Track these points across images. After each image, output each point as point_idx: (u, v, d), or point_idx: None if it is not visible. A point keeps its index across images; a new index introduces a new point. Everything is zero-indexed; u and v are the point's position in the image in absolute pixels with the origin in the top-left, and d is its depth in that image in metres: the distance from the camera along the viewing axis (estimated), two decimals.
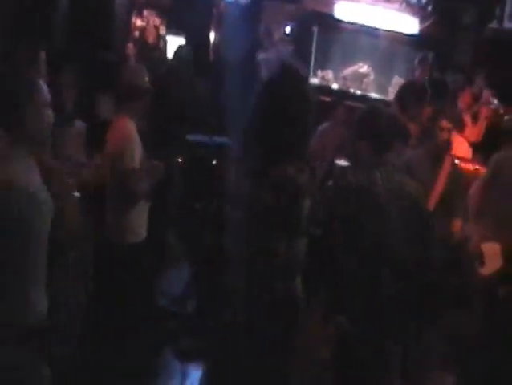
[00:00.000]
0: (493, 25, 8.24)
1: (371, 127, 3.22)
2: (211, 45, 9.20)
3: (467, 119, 7.23)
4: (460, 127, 6.90)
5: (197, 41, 8.42)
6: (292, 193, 2.69)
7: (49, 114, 2.41)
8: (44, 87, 2.40)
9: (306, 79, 3.18)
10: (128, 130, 3.67)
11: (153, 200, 3.84)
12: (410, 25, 8.75)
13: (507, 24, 7.98)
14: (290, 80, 2.78)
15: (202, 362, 3.33)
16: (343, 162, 6.03)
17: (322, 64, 9.08)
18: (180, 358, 3.56)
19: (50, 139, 2.51)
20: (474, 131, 7.22)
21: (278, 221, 2.70)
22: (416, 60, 7.98)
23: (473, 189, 4.91)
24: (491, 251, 4.45)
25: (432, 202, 4.81)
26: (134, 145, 3.63)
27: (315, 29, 9.01)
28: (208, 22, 9.18)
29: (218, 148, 5.59)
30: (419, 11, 8.73)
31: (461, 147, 6.97)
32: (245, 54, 8.36)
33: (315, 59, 9.01)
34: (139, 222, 3.72)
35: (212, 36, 9.27)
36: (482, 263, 4.43)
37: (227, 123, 5.71)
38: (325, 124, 6.80)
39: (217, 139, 5.84)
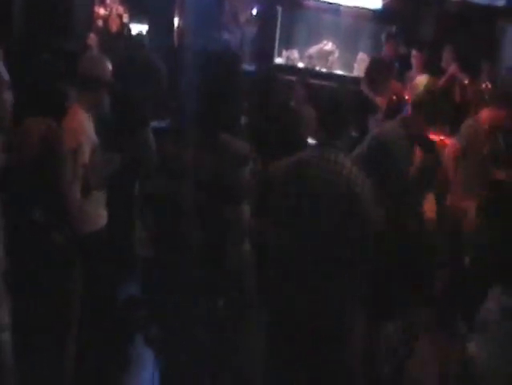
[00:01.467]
0: None
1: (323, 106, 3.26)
2: (175, 30, 9.10)
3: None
4: None
5: (160, 27, 8.35)
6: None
7: (10, 97, 2.39)
8: (3, 70, 2.37)
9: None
10: (78, 122, 3.61)
11: (114, 190, 3.85)
12: (373, 0, 8.74)
13: None
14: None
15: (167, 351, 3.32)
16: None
17: (287, 44, 9.05)
18: (150, 347, 3.55)
19: None
20: None
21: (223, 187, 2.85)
22: (383, 36, 8.01)
23: (448, 160, 5.44)
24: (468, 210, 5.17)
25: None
26: (84, 137, 3.57)
27: (279, 8, 8.95)
28: (171, 7, 9.06)
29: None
30: None
31: None
32: (209, 37, 8.31)
33: (280, 39, 8.99)
34: (96, 211, 3.70)
35: (176, 21, 9.16)
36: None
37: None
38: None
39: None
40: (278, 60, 8.92)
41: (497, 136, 5.50)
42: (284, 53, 8.97)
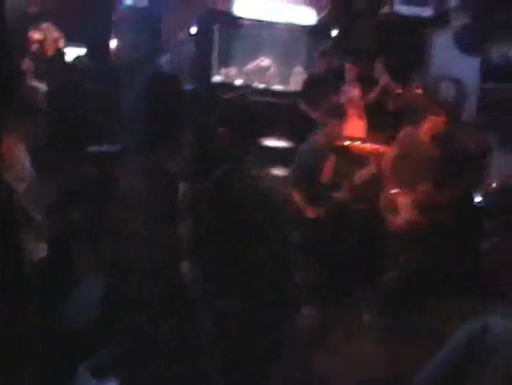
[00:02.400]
0: (386, 9, 8.48)
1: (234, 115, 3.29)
2: (111, 52, 9.09)
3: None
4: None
5: (97, 50, 8.33)
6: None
7: None
8: None
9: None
10: (10, 152, 3.55)
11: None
12: (308, 15, 8.91)
13: (398, 7, 8.23)
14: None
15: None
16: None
17: (224, 62, 9.09)
18: (94, 376, 3.49)
19: None
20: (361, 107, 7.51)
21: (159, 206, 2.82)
22: (316, 53, 8.19)
23: (386, 162, 5.88)
24: (404, 204, 5.53)
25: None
26: (16, 168, 3.51)
27: (216, 27, 9.01)
28: (107, 29, 9.06)
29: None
30: (316, 2, 8.90)
31: (357, 128, 7.23)
32: (146, 58, 8.35)
33: (218, 57, 9.01)
34: (34, 242, 3.64)
35: (112, 43, 9.16)
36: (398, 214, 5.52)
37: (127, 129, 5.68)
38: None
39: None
40: (217, 78, 8.96)
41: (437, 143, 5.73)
42: (222, 71, 9.03)
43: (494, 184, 5.26)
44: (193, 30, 9.71)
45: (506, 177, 5.16)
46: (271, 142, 7.48)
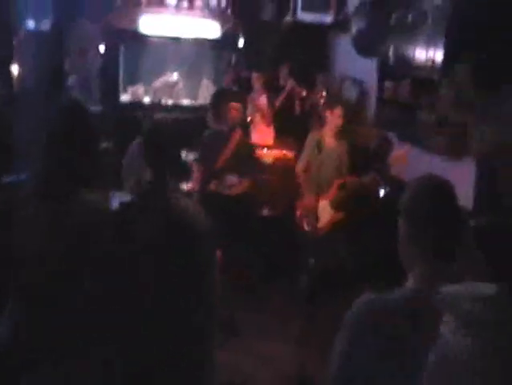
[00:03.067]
0: (289, 18, 8.60)
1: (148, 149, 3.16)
2: (14, 76, 8.88)
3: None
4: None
5: None
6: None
7: None
8: None
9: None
10: None
11: None
12: (213, 29, 8.94)
13: (300, 15, 8.36)
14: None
15: None
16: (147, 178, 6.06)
17: (132, 80, 9.02)
18: None
19: None
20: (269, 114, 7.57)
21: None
22: (222, 66, 8.25)
23: (298, 167, 5.92)
24: (323, 207, 5.67)
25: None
26: None
27: (121, 46, 8.94)
28: (8, 53, 8.84)
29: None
30: (219, 15, 8.95)
31: (265, 135, 7.31)
32: (50, 81, 8.19)
33: (125, 76, 8.94)
34: None
35: (14, 67, 8.95)
36: (318, 218, 5.66)
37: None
38: (137, 140, 6.78)
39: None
40: (124, 97, 8.88)
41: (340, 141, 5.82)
42: (129, 89, 8.94)
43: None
44: (100, 49, 9.62)
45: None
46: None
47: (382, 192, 5.46)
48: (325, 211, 5.71)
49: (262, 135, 7.47)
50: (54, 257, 2.59)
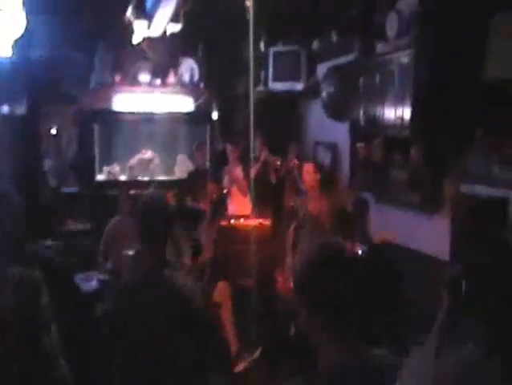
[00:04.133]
0: (261, 88, 8.69)
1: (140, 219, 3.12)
2: None
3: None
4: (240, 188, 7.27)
5: None
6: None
7: None
8: None
9: None
10: None
11: None
12: (186, 104, 9.01)
13: (272, 85, 8.45)
14: None
15: None
16: (131, 251, 5.95)
17: (107, 159, 8.99)
18: None
19: None
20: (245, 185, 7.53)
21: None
22: (194, 147, 8.31)
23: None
24: None
25: None
26: None
27: (96, 126, 8.95)
28: None
29: None
30: (192, 89, 9.03)
31: (242, 205, 7.27)
32: (24, 170, 8.18)
33: (100, 156, 8.91)
34: None
35: None
36: None
37: None
38: (114, 219, 6.74)
39: None
40: (100, 177, 8.83)
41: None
42: (105, 169, 8.90)
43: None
44: (74, 131, 9.64)
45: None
46: None
47: (360, 253, 5.36)
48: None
49: (240, 205, 7.43)
50: None
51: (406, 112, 5.23)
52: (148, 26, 8.63)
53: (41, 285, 2.65)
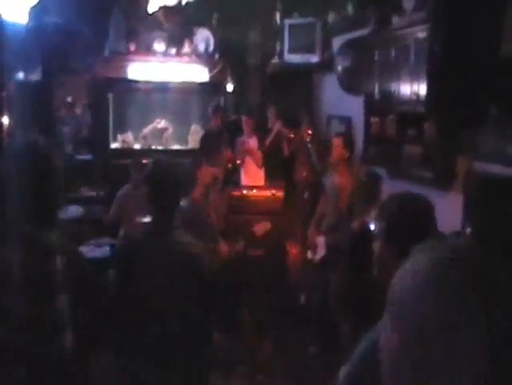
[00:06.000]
0: (276, 60, 8.68)
1: (152, 185, 3.17)
2: (5, 128, 8.90)
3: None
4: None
5: None
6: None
7: None
8: None
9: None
10: None
11: None
12: (201, 74, 9.01)
13: (287, 57, 8.43)
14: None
15: None
16: (147, 218, 6.02)
17: (121, 128, 9.06)
18: None
19: None
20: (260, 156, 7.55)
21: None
22: (210, 109, 8.26)
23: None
24: (320, 242, 5.70)
25: None
26: None
27: (110, 94, 8.98)
28: None
29: None
30: (207, 59, 9.03)
31: (256, 177, 7.30)
32: (41, 131, 8.19)
33: (114, 124, 8.97)
34: None
35: (4, 120, 8.98)
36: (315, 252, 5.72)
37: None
38: (126, 186, 6.81)
39: None
40: (114, 145, 8.89)
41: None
42: (119, 137, 8.96)
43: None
44: (89, 99, 9.69)
45: None
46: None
47: (373, 227, 5.39)
48: (321, 246, 5.70)
49: (253, 176, 7.49)
50: None
51: (421, 88, 5.22)
52: None
53: (55, 248, 2.72)
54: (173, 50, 8.99)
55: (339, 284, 5.38)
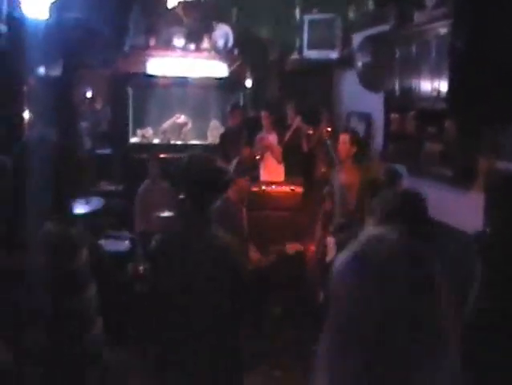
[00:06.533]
0: (295, 56, 8.65)
1: (188, 182, 3.15)
2: (25, 123, 8.96)
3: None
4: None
5: (10, 122, 8.19)
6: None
7: None
8: None
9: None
10: None
11: None
12: (220, 70, 9.02)
13: (306, 53, 8.40)
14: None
15: None
16: (166, 213, 6.05)
17: (141, 123, 9.10)
18: None
19: None
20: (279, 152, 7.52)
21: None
22: (228, 107, 8.26)
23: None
24: (330, 244, 5.60)
25: None
26: None
27: (130, 89, 9.02)
28: (20, 100, 8.93)
29: None
30: (227, 56, 9.02)
31: (275, 172, 7.29)
32: (61, 126, 8.24)
33: (134, 119, 9.02)
34: None
35: (26, 114, 9.04)
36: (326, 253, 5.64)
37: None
38: (145, 182, 6.86)
39: None
40: (134, 140, 8.93)
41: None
42: (139, 132, 9.01)
43: None
44: (109, 94, 9.71)
45: None
46: None
47: None
48: (331, 248, 5.63)
49: (273, 172, 7.48)
50: None
51: (442, 85, 5.18)
52: None
53: (78, 245, 2.72)
54: (192, 46, 9.00)
55: None
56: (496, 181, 4.42)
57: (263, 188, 6.86)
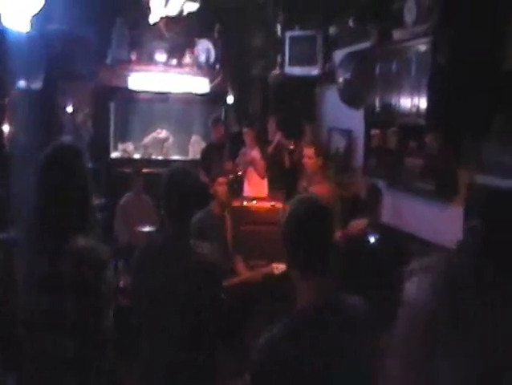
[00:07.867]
0: (276, 71, 8.71)
1: (167, 195, 3.13)
2: (4, 137, 8.91)
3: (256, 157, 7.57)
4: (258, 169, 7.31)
5: None
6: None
7: None
8: None
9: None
10: None
11: None
12: (202, 85, 9.04)
13: (288, 69, 8.47)
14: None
15: None
16: (147, 228, 6.05)
17: (122, 137, 9.08)
18: None
19: None
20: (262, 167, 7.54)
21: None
22: (209, 122, 8.28)
23: None
24: None
25: None
26: None
27: (111, 104, 9.01)
28: (0, 113, 8.88)
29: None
30: (208, 71, 9.05)
31: (258, 187, 7.31)
32: (41, 140, 8.19)
33: (115, 134, 9.00)
34: None
35: (5, 127, 8.99)
36: None
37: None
38: (126, 195, 6.86)
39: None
40: (115, 154, 8.90)
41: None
42: (120, 146, 8.98)
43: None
44: (90, 108, 9.68)
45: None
46: None
47: (372, 240, 5.41)
48: None
49: (256, 187, 7.49)
50: None
51: (422, 100, 5.26)
52: (165, 5, 8.68)
53: (107, 260, 2.65)
54: (174, 61, 9.02)
55: None
56: (475, 195, 4.50)
57: (244, 203, 6.88)
